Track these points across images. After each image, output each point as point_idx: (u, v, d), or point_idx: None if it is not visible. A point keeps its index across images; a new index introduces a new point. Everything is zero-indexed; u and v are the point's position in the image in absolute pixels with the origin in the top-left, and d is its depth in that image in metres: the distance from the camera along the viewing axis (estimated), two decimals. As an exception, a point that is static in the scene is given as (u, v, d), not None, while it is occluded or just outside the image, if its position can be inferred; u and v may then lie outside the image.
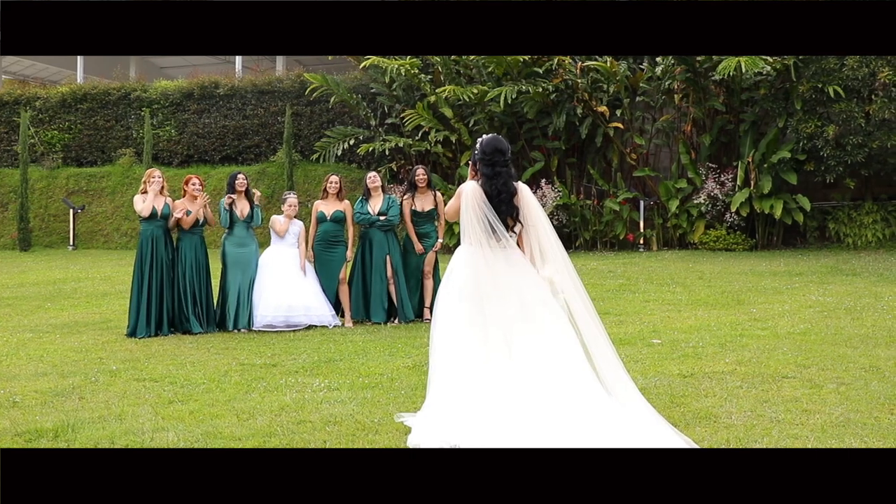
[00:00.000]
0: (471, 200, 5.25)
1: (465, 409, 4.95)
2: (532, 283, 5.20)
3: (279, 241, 10.48)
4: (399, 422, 5.56)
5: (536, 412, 4.82)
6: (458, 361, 5.14)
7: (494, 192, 5.25)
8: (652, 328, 9.26)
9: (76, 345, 9.08)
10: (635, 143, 20.34)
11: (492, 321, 5.14)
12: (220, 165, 23.30)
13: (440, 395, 5.16)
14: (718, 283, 13.22)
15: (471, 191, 5.29)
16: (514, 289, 5.18)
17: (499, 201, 5.25)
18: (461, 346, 5.16)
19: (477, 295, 5.20)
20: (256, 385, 6.85)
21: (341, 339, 9.19)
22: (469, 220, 5.24)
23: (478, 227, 5.22)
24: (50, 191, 24.13)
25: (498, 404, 4.89)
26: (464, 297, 5.23)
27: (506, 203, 5.26)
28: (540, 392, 4.90)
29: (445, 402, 5.08)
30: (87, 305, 12.33)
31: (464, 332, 5.18)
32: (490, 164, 5.30)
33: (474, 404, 4.94)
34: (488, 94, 19.46)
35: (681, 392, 6.22)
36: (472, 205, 5.24)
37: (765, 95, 19.09)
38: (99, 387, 6.92)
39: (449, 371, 5.17)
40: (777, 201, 18.72)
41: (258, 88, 23.76)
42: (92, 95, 24.79)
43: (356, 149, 21.64)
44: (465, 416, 4.93)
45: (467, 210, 5.24)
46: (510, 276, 5.20)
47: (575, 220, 20.13)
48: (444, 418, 5.00)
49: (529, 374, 4.97)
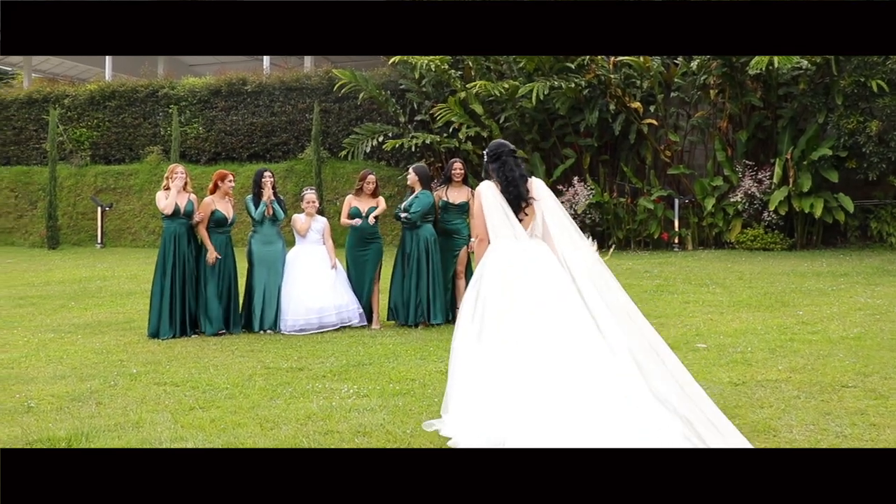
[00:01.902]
0: (489, 194, 5.42)
1: (509, 407, 4.87)
2: (548, 274, 5.20)
3: (303, 239, 10.16)
4: (432, 430, 5.33)
5: (576, 407, 4.74)
6: (491, 359, 5.08)
7: (504, 180, 5.43)
8: (695, 332, 8.84)
9: (97, 346, 8.81)
10: (670, 140, 19.84)
11: (522, 315, 5.09)
12: (247, 163, 23.06)
13: (474, 393, 5.08)
14: (759, 283, 12.76)
15: (488, 187, 5.48)
16: (529, 283, 5.17)
17: (508, 185, 5.41)
18: (493, 344, 5.11)
19: (507, 290, 5.19)
20: (282, 391, 6.51)
21: (370, 341, 8.84)
22: (491, 214, 5.38)
23: (500, 219, 5.36)
24: (78, 188, 24.03)
25: (540, 399, 4.81)
26: (494, 293, 5.22)
27: (514, 186, 5.41)
28: (577, 385, 4.81)
29: (485, 400, 5.00)
30: (111, 305, 12.09)
31: (494, 329, 5.14)
32: (496, 158, 5.53)
33: (517, 401, 4.86)
34: (520, 90, 19.06)
35: (734, 402, 5.81)
36: (490, 198, 5.40)
37: (804, 90, 18.53)
38: (117, 391, 6.62)
39: (483, 369, 5.10)
40: (817, 200, 18.16)
41: (286, 85, 23.49)
42: (120, 93, 24.66)
43: (385, 146, 21.32)
44: (509, 414, 4.84)
45: (488, 203, 5.40)
46: (527, 271, 5.22)
47: (608, 219, 19.68)
48: (488, 417, 4.92)
49: (563, 366, 4.88)
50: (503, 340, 5.08)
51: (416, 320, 9.79)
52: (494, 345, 5.10)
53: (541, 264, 5.25)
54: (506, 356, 5.02)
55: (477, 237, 5.56)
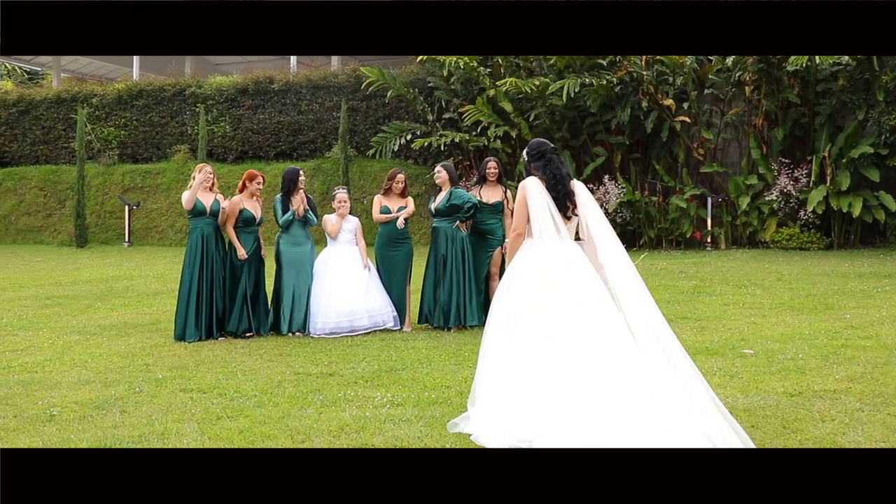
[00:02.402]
0: (537, 191, 5.35)
1: (541, 407, 4.86)
2: (591, 276, 5.17)
3: (335, 240, 9.90)
4: (456, 432, 5.26)
5: (608, 416, 4.69)
6: (526, 354, 5.07)
7: (550, 177, 5.41)
8: (739, 336, 8.50)
9: (123, 349, 8.60)
10: (703, 138, 19.45)
11: (563, 312, 5.06)
12: (274, 161, 22.89)
13: (504, 387, 5.09)
14: (800, 285, 12.37)
15: (535, 182, 5.40)
16: (573, 282, 5.14)
17: (555, 183, 5.39)
18: (530, 338, 5.09)
19: (547, 285, 5.16)
20: (312, 398, 6.24)
21: (402, 345, 8.56)
22: (536, 210, 5.31)
23: (546, 217, 5.29)
24: (106, 187, 23.97)
25: (574, 403, 4.77)
26: (532, 287, 5.20)
27: (562, 184, 5.39)
28: (611, 393, 4.76)
29: (516, 396, 5.00)
30: (137, 305, 11.91)
31: (531, 322, 5.12)
32: (540, 156, 5.52)
33: (551, 401, 4.85)
34: (550, 87, 18.73)
35: (792, 415, 5.47)
36: (537, 195, 5.33)
37: (843, 86, 18.07)
38: (143, 398, 6.38)
39: (516, 363, 5.10)
40: (856, 199, 17.72)
41: (313, 84, 23.31)
42: (147, 92, 24.59)
43: (413, 144, 21.06)
44: (541, 414, 4.83)
45: (534, 199, 5.33)
46: (570, 269, 5.19)
47: (639, 218, 19.32)
48: (518, 415, 4.92)
49: (598, 370, 4.84)
50: (541, 335, 5.04)
51: (451, 324, 9.51)
52: (531, 339, 5.06)
53: (581, 266, 5.20)
54: (543, 352, 4.98)
55: (514, 230, 5.47)
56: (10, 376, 7.32)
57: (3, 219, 24.64)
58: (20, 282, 14.98)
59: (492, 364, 5.22)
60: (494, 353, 5.22)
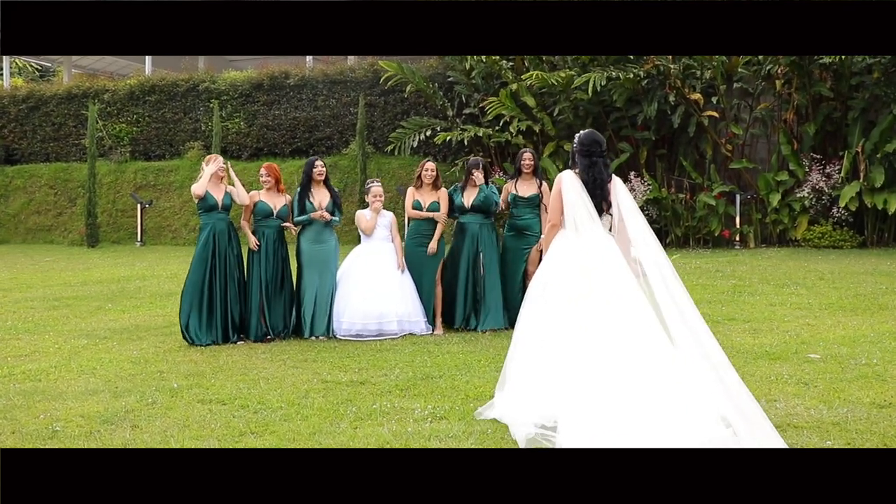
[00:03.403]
0: (572, 185, 5.49)
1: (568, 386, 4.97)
2: (624, 268, 5.28)
3: (369, 237, 9.31)
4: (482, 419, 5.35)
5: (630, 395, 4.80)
6: (555, 346, 5.23)
7: (590, 180, 5.50)
8: (798, 339, 7.90)
9: (134, 354, 8.02)
10: (731, 133, 18.82)
11: (600, 302, 5.18)
12: (290, 158, 22.34)
13: (535, 370, 5.28)
14: (844, 284, 11.75)
15: (571, 177, 5.55)
16: (608, 273, 5.27)
17: (593, 187, 5.48)
18: (566, 326, 5.22)
19: (573, 281, 5.32)
20: (345, 410, 5.66)
21: (436, 349, 7.97)
22: (571, 203, 5.46)
23: (581, 209, 5.43)
24: (118, 185, 23.47)
25: (594, 385, 4.88)
26: (561, 283, 5.38)
27: (600, 188, 5.49)
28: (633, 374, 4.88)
29: (544, 377, 5.19)
30: (149, 307, 11.34)
31: (568, 311, 5.26)
32: (588, 155, 5.57)
33: (578, 383, 4.94)
34: (576, 81, 18.11)
35: (892, 430, 4.87)
36: (573, 189, 5.47)
37: (877, 80, 17.41)
38: (156, 411, 5.80)
39: (548, 349, 5.26)
40: (891, 195, 17.11)
41: (330, 79, 22.82)
42: (160, 87, 24.10)
43: (432, 140, 20.49)
44: (566, 394, 4.95)
45: (569, 193, 5.48)
46: (605, 261, 5.32)
47: (666, 215, 18.71)
48: (544, 393, 5.12)
49: (622, 356, 4.97)
50: (576, 325, 5.16)
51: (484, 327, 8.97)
52: (565, 328, 5.19)
53: (615, 258, 5.33)
54: (576, 340, 5.10)
55: (550, 222, 5.64)
56: (11, 385, 6.76)
57: (13, 218, 24.17)
58: (28, 282, 14.44)
59: (523, 350, 5.40)
60: (528, 340, 5.39)
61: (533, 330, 5.41)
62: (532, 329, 5.42)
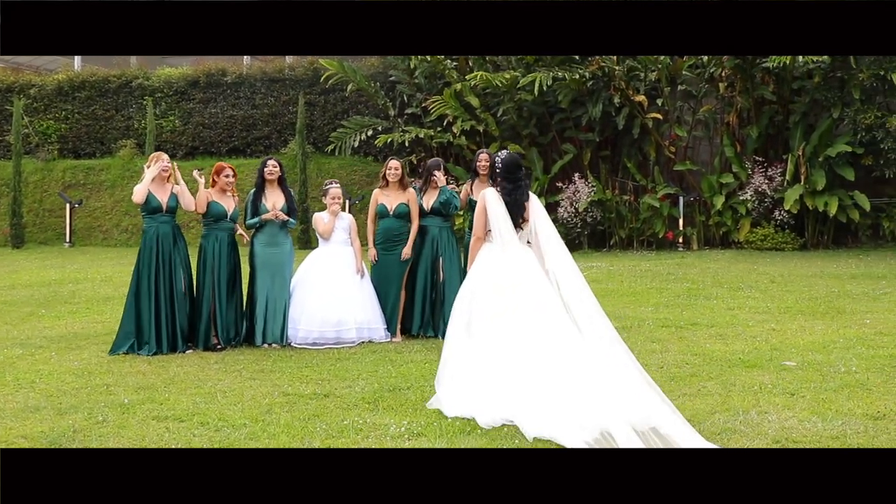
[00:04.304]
0: (496, 203, 6.06)
1: (512, 391, 5.51)
2: (543, 281, 5.85)
3: (326, 241, 8.90)
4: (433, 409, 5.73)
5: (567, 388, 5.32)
6: (484, 354, 5.79)
7: (512, 201, 6.04)
8: (769, 345, 7.75)
9: (76, 365, 7.47)
10: (675, 135, 18.83)
11: (514, 318, 5.78)
12: (227, 158, 21.70)
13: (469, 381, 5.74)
14: (796, 287, 11.74)
15: (494, 194, 6.10)
16: (530, 287, 5.85)
17: (514, 207, 6.03)
18: (489, 332, 5.83)
19: (499, 296, 5.88)
20: (314, 427, 5.26)
21: (398, 358, 7.62)
22: (496, 219, 6.02)
23: (504, 225, 6.00)
24: (45, 184, 22.54)
25: (536, 384, 5.44)
26: (490, 290, 5.93)
27: (519, 208, 6.04)
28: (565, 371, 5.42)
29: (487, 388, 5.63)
30: (87, 312, 10.75)
31: (486, 327, 5.85)
32: (512, 180, 6.09)
33: (518, 386, 5.51)
34: (521, 81, 17.91)
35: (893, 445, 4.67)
36: (497, 207, 6.04)
37: (818, 84, 17.57)
38: (108, 430, 5.31)
39: (476, 361, 5.80)
40: (832, 198, 17.30)
41: (268, 76, 22.34)
42: (90, 83, 23.25)
43: (373, 140, 20.13)
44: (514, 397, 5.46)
45: (495, 211, 6.03)
46: (527, 275, 5.89)
47: (610, 217, 18.67)
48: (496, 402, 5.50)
49: (551, 358, 5.53)
50: (495, 338, 5.77)
51: None
52: (500, 339, 5.75)
53: (535, 272, 5.91)
54: (499, 352, 5.70)
55: (475, 235, 6.15)
56: (-63, 404, 6.17)
57: (-68, 217, 23.06)
58: (-48, 286, 13.67)
59: (453, 360, 5.93)
60: (456, 351, 5.95)
61: (458, 342, 5.97)
62: (457, 341, 5.97)
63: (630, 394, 5.12)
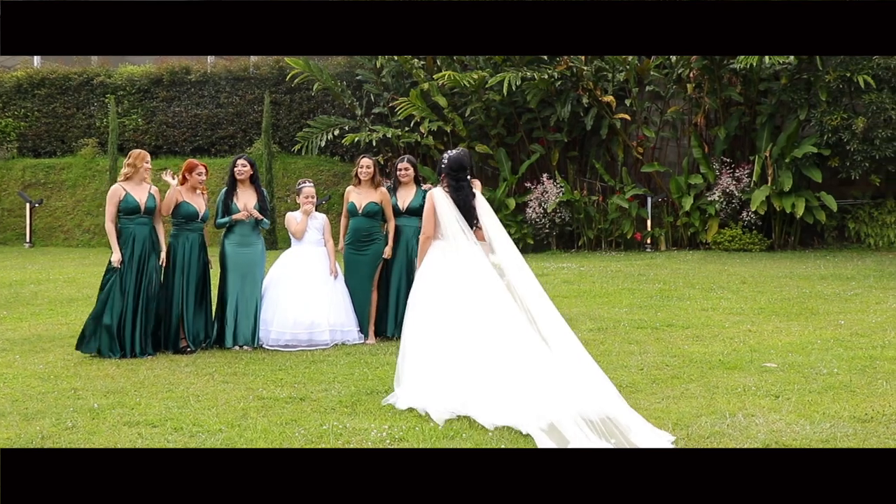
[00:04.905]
0: (444, 201, 6.24)
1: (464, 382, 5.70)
2: (493, 276, 6.04)
3: (299, 241, 8.72)
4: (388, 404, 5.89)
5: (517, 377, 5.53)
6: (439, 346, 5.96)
7: (460, 201, 6.24)
8: (746, 346, 7.72)
9: (41, 369, 7.25)
10: (643, 136, 18.86)
11: (466, 312, 5.96)
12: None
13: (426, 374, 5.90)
14: (768, 288, 11.76)
15: (442, 194, 6.29)
16: (480, 283, 6.01)
17: (464, 207, 6.23)
18: (441, 328, 6.01)
19: (451, 283, 6.08)
20: (292, 432, 5.11)
21: (373, 360, 7.47)
22: (444, 218, 6.20)
23: (453, 224, 6.18)
24: (4, 183, 22.07)
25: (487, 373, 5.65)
26: (441, 285, 6.13)
27: (467, 209, 6.24)
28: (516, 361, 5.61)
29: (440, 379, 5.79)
30: (50, 314, 10.47)
31: (443, 314, 6.04)
32: (455, 179, 6.29)
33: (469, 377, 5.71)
34: (489, 81, 17.82)
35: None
36: (446, 207, 6.22)
37: (784, 86, 17.67)
38: (78, 436, 5.13)
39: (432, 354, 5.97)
40: (798, 199, 17.38)
41: (233, 75, 22.02)
42: (50, 81, 22.78)
43: (340, 140, 19.94)
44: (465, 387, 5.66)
45: (444, 211, 6.20)
46: (476, 272, 6.05)
47: (579, 218, 18.63)
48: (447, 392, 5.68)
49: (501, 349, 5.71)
50: (464, 330, 5.90)
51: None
52: (454, 333, 5.92)
53: (485, 269, 6.07)
54: (467, 342, 5.84)
55: (424, 234, 6.33)
56: None
57: None
58: None
59: (412, 354, 6.07)
60: (413, 345, 6.08)
61: (414, 337, 6.12)
62: (422, 336, 6.08)
63: (584, 383, 5.28)
